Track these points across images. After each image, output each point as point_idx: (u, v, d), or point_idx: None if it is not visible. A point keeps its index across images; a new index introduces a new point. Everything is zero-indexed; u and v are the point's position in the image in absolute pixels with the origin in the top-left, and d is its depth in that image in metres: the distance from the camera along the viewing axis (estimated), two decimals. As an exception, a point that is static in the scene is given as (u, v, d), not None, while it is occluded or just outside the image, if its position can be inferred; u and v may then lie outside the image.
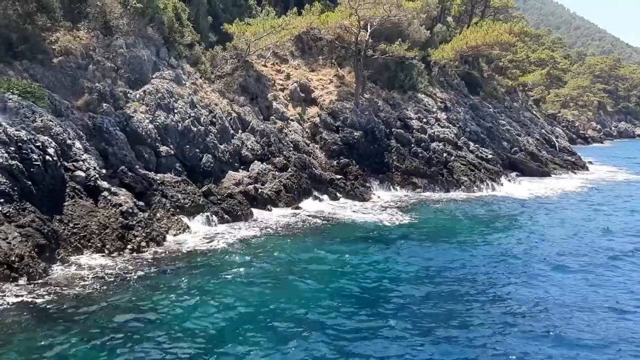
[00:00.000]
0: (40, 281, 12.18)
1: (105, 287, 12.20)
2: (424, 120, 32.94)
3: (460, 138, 33.48)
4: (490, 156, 33.40)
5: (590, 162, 46.65)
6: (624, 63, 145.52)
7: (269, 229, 18.38)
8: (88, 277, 12.75)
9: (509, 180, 31.89)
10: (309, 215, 20.77)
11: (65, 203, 14.97)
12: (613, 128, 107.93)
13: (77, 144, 16.68)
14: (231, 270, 13.85)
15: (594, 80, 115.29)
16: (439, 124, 33.41)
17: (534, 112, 57.62)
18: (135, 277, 13.00)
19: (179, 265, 14.12)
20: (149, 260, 14.33)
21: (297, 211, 21.31)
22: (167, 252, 15.18)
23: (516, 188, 30.69)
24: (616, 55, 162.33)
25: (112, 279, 12.72)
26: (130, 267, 13.65)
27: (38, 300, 11.22)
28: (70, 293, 11.74)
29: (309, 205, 22.36)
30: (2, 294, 11.27)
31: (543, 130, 50.62)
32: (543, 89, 74.66)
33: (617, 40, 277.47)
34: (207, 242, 16.33)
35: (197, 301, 11.67)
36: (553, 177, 37.12)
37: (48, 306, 11.01)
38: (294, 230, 18.47)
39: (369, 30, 30.38)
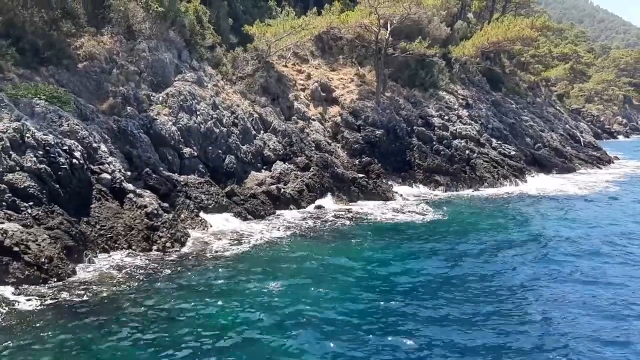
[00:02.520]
0: (69, 282, 12.45)
1: (133, 287, 12.40)
2: (446, 117, 32.72)
3: (482, 135, 33.18)
4: (513, 152, 33.04)
5: (617, 157, 45.87)
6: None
7: (292, 229, 18.44)
8: (116, 277, 12.98)
9: (533, 177, 31.53)
10: (332, 215, 20.80)
11: (92, 205, 15.26)
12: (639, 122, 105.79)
13: (103, 147, 16.99)
14: (256, 271, 13.91)
15: (619, 73, 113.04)
16: (460, 121, 33.15)
17: (558, 107, 56.80)
18: (162, 277, 13.19)
19: (204, 265, 14.27)
20: (174, 261, 14.52)
21: (320, 210, 21.37)
22: (191, 252, 15.37)
23: (540, 184, 30.32)
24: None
25: (139, 279, 12.92)
26: (157, 267, 13.85)
27: (69, 301, 11.46)
28: (99, 293, 11.96)
29: (332, 204, 22.40)
30: (35, 295, 11.53)
31: (567, 126, 49.88)
32: (567, 84, 73.61)
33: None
34: (231, 243, 16.47)
35: (224, 302, 11.75)
36: (578, 172, 36.55)
37: (79, 306, 11.24)
38: (318, 231, 18.50)
39: (389, 29, 30.30)
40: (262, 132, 24.63)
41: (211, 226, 17.78)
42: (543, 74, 59.28)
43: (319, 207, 21.77)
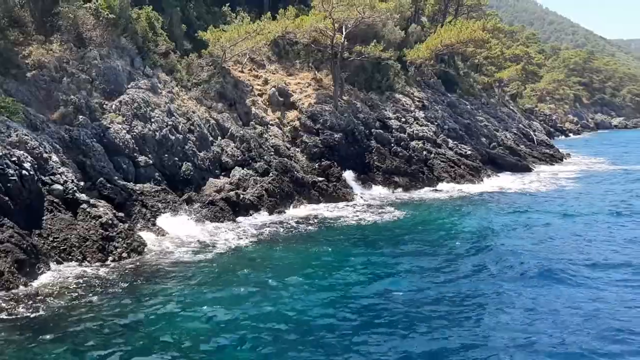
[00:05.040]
0: (22, 296, 12.05)
1: (88, 300, 12.09)
2: (403, 119, 33.19)
3: (439, 136, 33.80)
4: (469, 152, 33.75)
5: (569, 154, 47.35)
6: (597, 55, 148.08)
7: (252, 235, 18.31)
8: (70, 290, 12.62)
9: (489, 176, 32.24)
10: (293, 219, 20.78)
11: (44, 217, 14.84)
12: (590, 120, 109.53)
13: (54, 158, 16.56)
14: (214, 280, 13.75)
15: (568, 73, 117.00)
16: (417, 123, 33.68)
17: (511, 107, 58.29)
18: (118, 288, 12.90)
19: (161, 275, 14.03)
20: (131, 271, 14.23)
21: (280, 215, 21.32)
22: (148, 262, 15.07)
23: (496, 182, 31.06)
24: (589, 48, 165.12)
25: (95, 291, 12.61)
26: (113, 278, 13.55)
27: (21, 315, 11.09)
28: (53, 307, 11.62)
29: (292, 209, 22.38)
30: (-18, 312, 11.15)
31: (520, 125, 51.25)
32: (519, 84, 75.55)
33: (590, 34, 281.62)
34: (189, 251, 16.24)
35: (182, 311, 11.59)
36: (533, 171, 37.53)
37: (31, 320, 10.89)
38: (277, 236, 18.44)
39: (344, 33, 30.54)
40: (219, 138, 24.44)
41: (169, 235, 17.52)
42: (496, 75, 60.78)
43: (280, 212, 21.72)
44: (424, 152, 31.07)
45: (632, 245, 16.94)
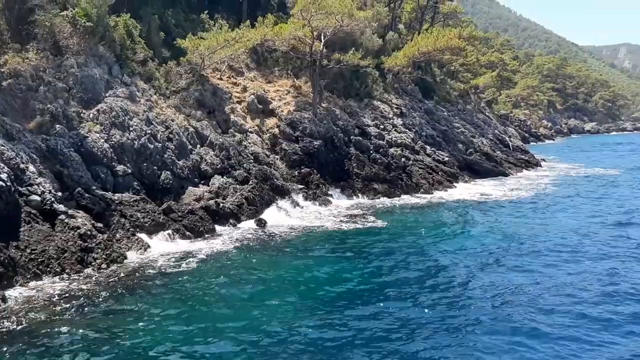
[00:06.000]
0: (-2, 310, 11.89)
1: (67, 312, 11.96)
2: (381, 126, 33.46)
3: (417, 142, 34.15)
4: (446, 159, 34.16)
5: (544, 160, 48.16)
6: (570, 62, 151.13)
7: (232, 244, 18.28)
8: (49, 303, 12.48)
9: (466, 182, 32.66)
10: (272, 228, 20.78)
11: (21, 229, 14.62)
12: (563, 125, 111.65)
13: (31, 168, 16.35)
14: (195, 290, 13.71)
15: (542, 79, 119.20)
16: (395, 130, 33.98)
17: (487, 113, 59.09)
18: (97, 299, 12.79)
19: (140, 285, 13.94)
20: (110, 282, 14.10)
21: (260, 224, 21.29)
22: (128, 272, 14.93)
23: (471, 188, 31.46)
24: (562, 55, 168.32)
25: (73, 304, 12.46)
26: (92, 290, 13.41)
27: (0, 330, 10.95)
28: (32, 320, 11.47)
29: (272, 217, 22.34)
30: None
31: (496, 131, 51.95)
32: (494, 91, 76.67)
33: (562, 40, 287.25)
34: (169, 261, 16.15)
35: (162, 322, 11.55)
36: (508, 176, 38.07)
37: (11, 334, 10.75)
38: (257, 244, 18.45)
39: (322, 41, 30.72)
40: (198, 146, 24.34)
41: (148, 245, 17.38)
42: (472, 82, 61.68)
43: (260, 220, 21.70)
44: (403, 159, 31.37)
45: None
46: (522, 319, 11.71)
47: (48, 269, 14.28)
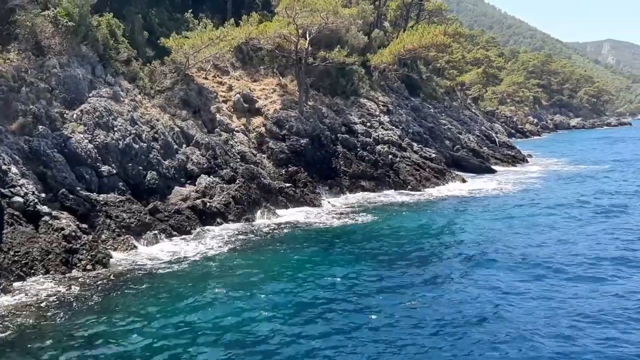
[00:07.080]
0: (-19, 314, 11.71)
1: (50, 314, 11.81)
2: (368, 124, 33.47)
3: (404, 139, 34.19)
4: (433, 155, 34.24)
5: (530, 155, 48.45)
6: (555, 58, 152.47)
7: (219, 243, 18.15)
8: (33, 305, 12.31)
9: (453, 178, 32.74)
10: (261, 226, 20.69)
11: (4, 231, 14.43)
12: (549, 121, 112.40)
13: (14, 169, 16.14)
14: (182, 291, 13.58)
15: (528, 76, 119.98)
16: (382, 127, 34.00)
17: (473, 110, 59.43)
18: (82, 301, 12.63)
19: (127, 286, 13.80)
20: (95, 284, 13.93)
21: (247, 222, 21.20)
22: (114, 273, 14.77)
23: (459, 184, 31.55)
24: (547, 51, 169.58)
25: (58, 306, 12.31)
26: (77, 291, 13.25)
27: (-20, 334, 10.78)
28: (16, 323, 11.31)
29: (260, 216, 22.27)
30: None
31: (483, 127, 52.28)
32: (480, 87, 77.07)
33: (547, 37, 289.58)
34: (155, 261, 16.01)
35: (148, 323, 11.42)
36: (496, 172, 38.26)
37: (-8, 339, 10.60)
38: (244, 243, 18.33)
39: (308, 38, 30.64)
40: (184, 146, 24.17)
41: (134, 245, 17.23)
42: (458, 79, 61.98)
43: (247, 219, 21.60)
44: (390, 156, 31.38)
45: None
46: (519, 316, 11.72)
47: (32, 271, 14.12)
